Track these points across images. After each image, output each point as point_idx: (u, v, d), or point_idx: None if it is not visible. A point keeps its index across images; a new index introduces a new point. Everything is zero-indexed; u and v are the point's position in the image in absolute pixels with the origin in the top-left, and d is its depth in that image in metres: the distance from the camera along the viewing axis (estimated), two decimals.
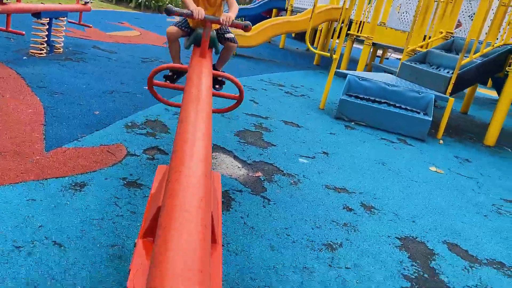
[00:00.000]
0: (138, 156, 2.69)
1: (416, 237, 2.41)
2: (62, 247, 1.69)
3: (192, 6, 2.34)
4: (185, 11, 2.31)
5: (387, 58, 14.01)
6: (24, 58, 4.42)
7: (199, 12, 2.26)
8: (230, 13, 2.41)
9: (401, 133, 4.58)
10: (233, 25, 2.35)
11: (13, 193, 1.98)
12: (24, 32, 4.21)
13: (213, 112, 2.17)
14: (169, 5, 2.28)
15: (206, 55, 2.29)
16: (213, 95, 2.12)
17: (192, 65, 2.14)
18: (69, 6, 5.07)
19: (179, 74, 2.82)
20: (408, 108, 4.66)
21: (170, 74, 2.77)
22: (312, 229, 2.25)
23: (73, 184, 2.18)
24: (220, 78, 2.74)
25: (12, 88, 3.40)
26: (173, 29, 2.69)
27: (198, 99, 1.68)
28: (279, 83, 6.14)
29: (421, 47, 5.67)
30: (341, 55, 8.59)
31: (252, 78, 6.16)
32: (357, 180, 3.06)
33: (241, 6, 12.62)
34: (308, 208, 2.47)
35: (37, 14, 4.38)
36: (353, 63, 8.90)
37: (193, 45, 2.63)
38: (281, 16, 12.17)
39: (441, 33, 5.63)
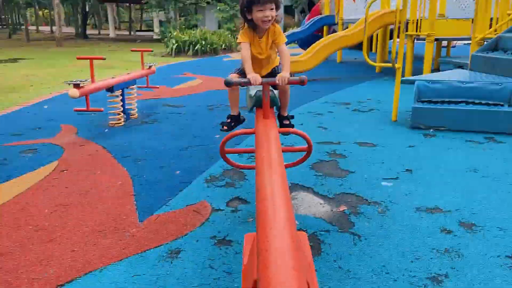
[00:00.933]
0: (222, 210, 2.78)
1: None
2: None
3: (249, 72, 2.41)
4: (243, 80, 2.41)
5: (454, 47, 13.23)
6: (106, 130, 4.82)
7: (256, 79, 2.34)
8: (284, 72, 2.42)
9: (487, 131, 4.25)
10: (290, 83, 2.40)
11: (119, 271, 2.13)
12: (103, 109, 4.61)
13: (286, 167, 2.20)
14: (228, 77, 2.41)
15: (269, 115, 2.36)
16: (283, 151, 2.15)
17: (259, 127, 2.21)
18: (136, 74, 5.47)
19: (237, 121, 2.89)
20: (490, 102, 4.33)
21: (228, 121, 2.84)
22: (412, 262, 2.14)
23: (169, 252, 2.30)
24: (286, 115, 2.79)
25: (101, 164, 3.71)
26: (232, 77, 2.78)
27: (270, 162, 1.73)
28: (344, 101, 6.05)
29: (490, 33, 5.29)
30: (404, 54, 8.27)
31: (316, 102, 6.14)
32: (449, 196, 2.88)
33: (291, 31, 12.75)
34: (403, 238, 2.35)
35: (110, 89, 4.78)
36: (419, 61, 8.51)
37: (255, 107, 2.71)
38: (334, 29, 12.09)
39: (509, 15, 5.21)
